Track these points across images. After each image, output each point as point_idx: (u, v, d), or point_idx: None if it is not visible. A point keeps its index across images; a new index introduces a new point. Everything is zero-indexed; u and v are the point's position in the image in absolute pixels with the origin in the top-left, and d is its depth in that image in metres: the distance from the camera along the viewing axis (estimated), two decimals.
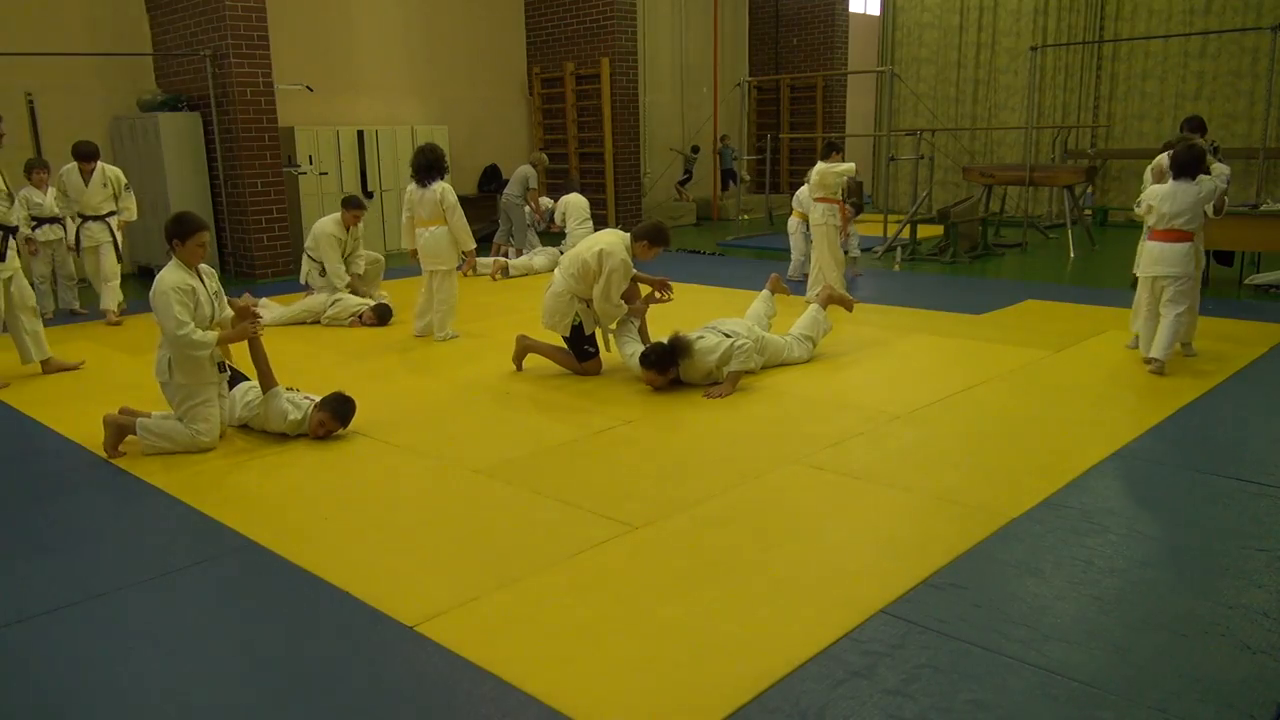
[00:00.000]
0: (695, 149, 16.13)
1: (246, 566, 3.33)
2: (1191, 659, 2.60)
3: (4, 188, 5.98)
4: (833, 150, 8.01)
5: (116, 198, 7.91)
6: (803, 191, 9.26)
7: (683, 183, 16.26)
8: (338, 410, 4.70)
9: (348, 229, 7.68)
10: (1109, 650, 2.65)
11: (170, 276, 4.41)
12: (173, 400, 4.51)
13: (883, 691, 2.47)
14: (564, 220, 10.54)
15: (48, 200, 7.72)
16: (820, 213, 7.81)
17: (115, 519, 3.84)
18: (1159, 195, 5.50)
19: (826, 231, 7.75)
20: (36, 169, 7.74)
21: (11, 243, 6.04)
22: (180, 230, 4.46)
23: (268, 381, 4.68)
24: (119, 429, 4.48)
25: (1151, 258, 5.55)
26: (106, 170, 7.87)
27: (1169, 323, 5.48)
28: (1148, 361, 5.57)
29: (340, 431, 4.72)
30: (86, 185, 7.75)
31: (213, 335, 4.47)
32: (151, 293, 4.42)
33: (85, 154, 7.75)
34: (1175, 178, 5.49)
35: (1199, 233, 5.58)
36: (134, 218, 8.14)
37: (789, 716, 2.38)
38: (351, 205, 7.68)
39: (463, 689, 2.54)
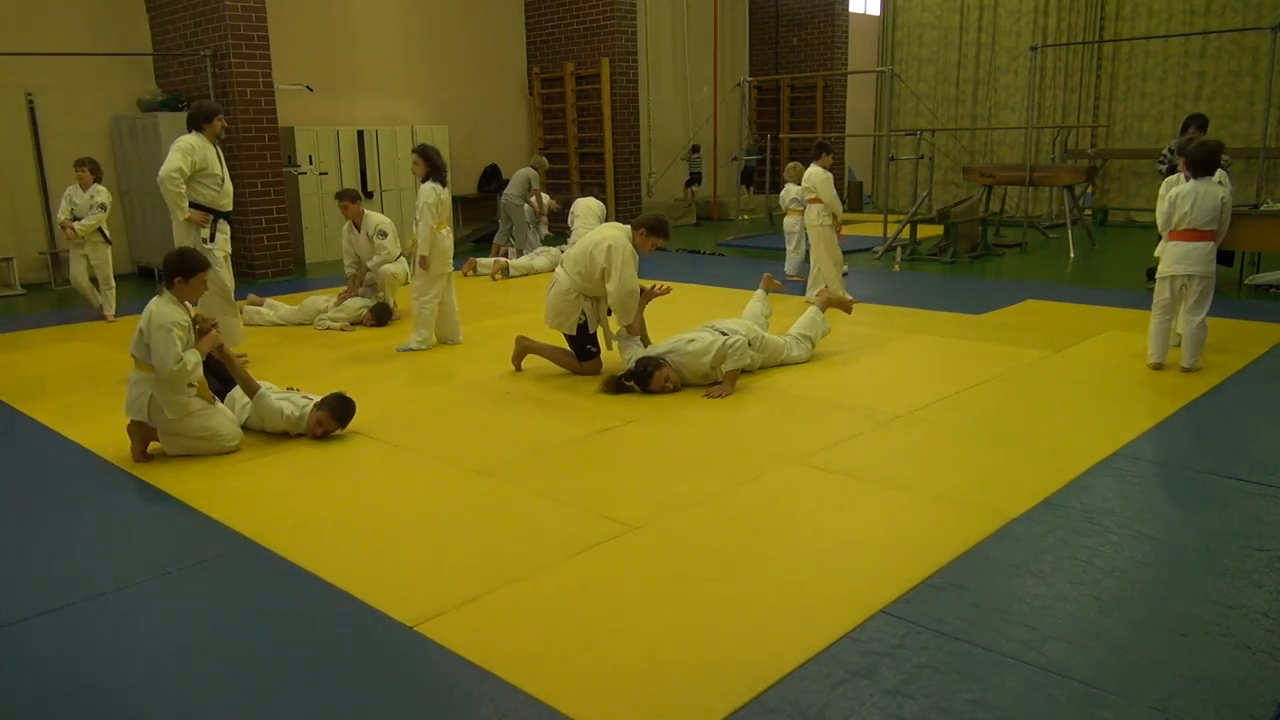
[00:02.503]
0: (695, 149, 16.10)
1: (246, 566, 3.33)
2: (1191, 659, 2.60)
3: (219, 173, 6.00)
4: (823, 151, 7.98)
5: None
6: (792, 191, 9.24)
7: (689, 184, 16.24)
8: (336, 410, 4.69)
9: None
10: (1108, 650, 2.65)
11: (169, 311, 4.30)
12: (175, 431, 4.39)
13: (883, 691, 2.47)
14: (574, 222, 10.46)
15: (83, 199, 7.85)
16: (815, 214, 7.81)
17: (115, 519, 3.84)
18: (1181, 195, 5.46)
19: (823, 233, 7.74)
20: (81, 166, 7.88)
21: (223, 225, 6.09)
22: (187, 268, 4.39)
23: (250, 386, 4.67)
24: (144, 436, 4.41)
25: (1173, 257, 5.51)
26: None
27: (1193, 330, 5.50)
28: (1155, 367, 5.58)
29: (339, 432, 4.72)
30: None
31: (195, 354, 4.38)
32: (147, 325, 4.27)
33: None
34: (1194, 177, 5.47)
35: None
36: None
37: (789, 716, 2.38)
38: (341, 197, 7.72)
39: (463, 689, 2.54)
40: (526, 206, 11.20)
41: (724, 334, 5.43)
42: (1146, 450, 4.31)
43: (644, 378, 5.29)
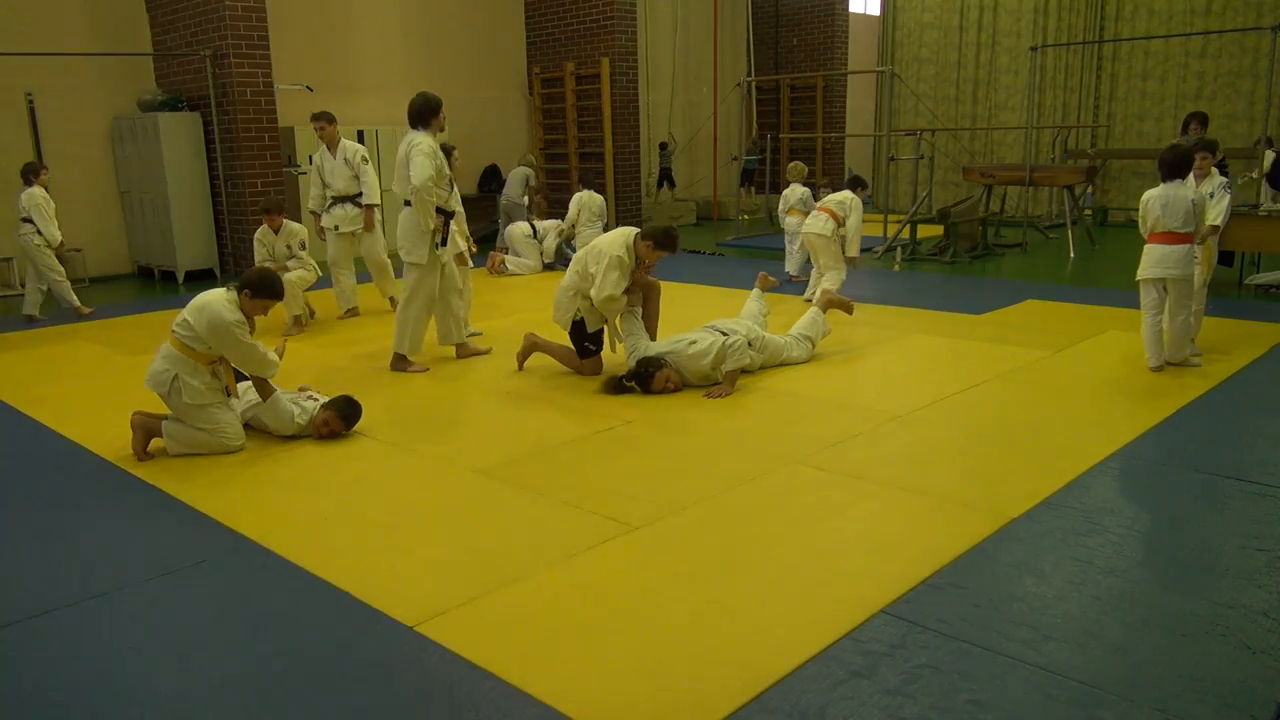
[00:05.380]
0: (663, 145, 15.90)
1: (246, 566, 3.33)
2: (1191, 659, 2.60)
3: (449, 173, 6.01)
4: (859, 185, 8.01)
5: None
6: (796, 191, 9.23)
7: (660, 184, 16.09)
8: (343, 411, 4.69)
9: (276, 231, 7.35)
10: (1109, 650, 2.65)
11: (232, 311, 4.36)
12: (185, 418, 4.41)
13: (883, 691, 2.47)
14: (576, 220, 10.28)
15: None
16: (828, 226, 7.82)
17: (115, 519, 3.84)
18: (1151, 199, 5.51)
19: (829, 243, 7.74)
20: (43, 170, 7.96)
21: (453, 226, 6.10)
22: (264, 289, 4.45)
23: (266, 391, 4.68)
24: (147, 431, 4.42)
25: (1150, 260, 5.56)
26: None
27: (1176, 328, 5.54)
28: (1155, 370, 5.58)
29: (342, 433, 4.72)
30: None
31: (275, 354, 4.61)
32: (213, 324, 4.31)
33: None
34: (1164, 179, 5.50)
35: (1212, 237, 5.62)
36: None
37: (789, 716, 2.38)
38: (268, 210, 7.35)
39: (463, 689, 2.54)
40: (528, 209, 11.17)
41: (724, 334, 5.44)
42: (1146, 450, 4.31)
43: (645, 378, 5.29)
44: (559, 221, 10.56)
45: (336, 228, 7.57)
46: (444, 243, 5.95)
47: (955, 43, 16.18)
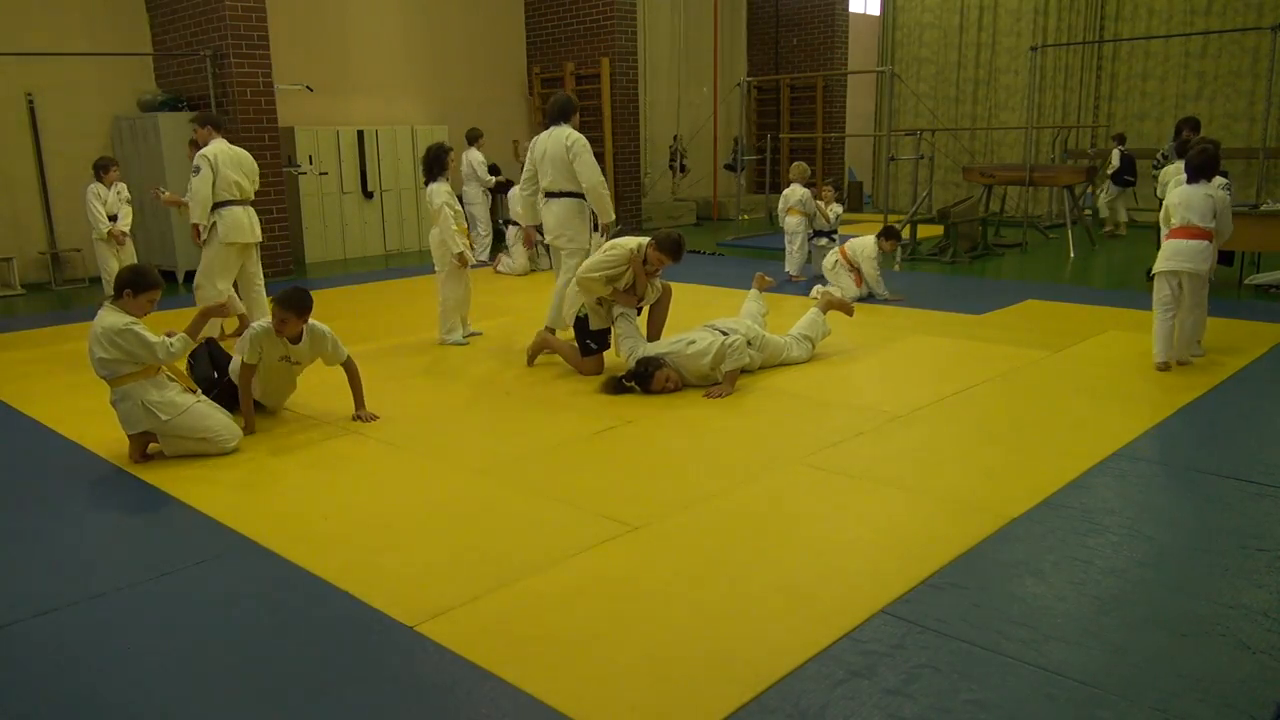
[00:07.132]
0: (676, 137, 15.87)
1: (246, 566, 3.32)
2: (1191, 659, 2.60)
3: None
4: (891, 236, 8.25)
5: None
6: (796, 191, 9.25)
7: (676, 169, 16.05)
8: (288, 302, 4.60)
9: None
10: (1108, 650, 2.65)
11: (119, 318, 4.23)
12: (175, 433, 4.36)
13: (883, 691, 2.47)
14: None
15: (110, 197, 8.04)
16: (834, 260, 8.29)
17: (114, 519, 3.84)
18: (1178, 196, 5.59)
19: (838, 274, 8.21)
20: (115, 166, 8.10)
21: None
22: (138, 283, 4.29)
23: (196, 329, 4.64)
24: (142, 438, 4.39)
25: (1167, 254, 5.60)
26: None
27: (1186, 326, 5.60)
28: (1161, 367, 5.58)
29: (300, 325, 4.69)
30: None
31: (183, 335, 4.39)
32: (105, 340, 4.19)
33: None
34: (1190, 180, 5.58)
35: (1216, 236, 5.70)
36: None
37: (789, 716, 2.38)
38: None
39: (463, 689, 2.54)
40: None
41: (723, 334, 5.44)
42: (1146, 450, 4.31)
43: (644, 378, 5.29)
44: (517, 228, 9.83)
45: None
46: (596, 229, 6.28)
47: (955, 43, 16.19)
